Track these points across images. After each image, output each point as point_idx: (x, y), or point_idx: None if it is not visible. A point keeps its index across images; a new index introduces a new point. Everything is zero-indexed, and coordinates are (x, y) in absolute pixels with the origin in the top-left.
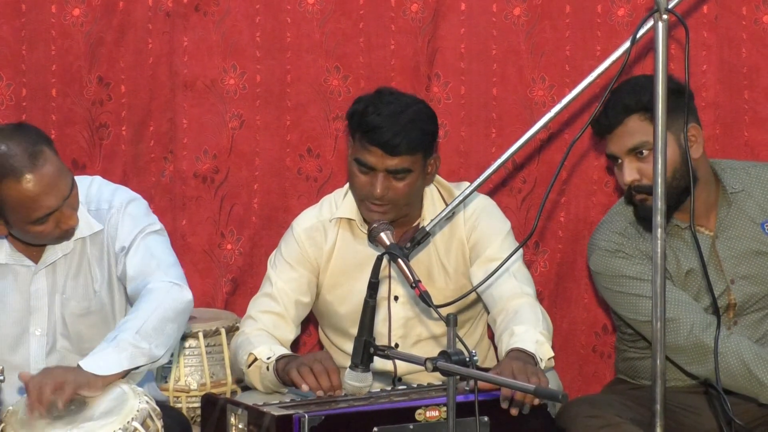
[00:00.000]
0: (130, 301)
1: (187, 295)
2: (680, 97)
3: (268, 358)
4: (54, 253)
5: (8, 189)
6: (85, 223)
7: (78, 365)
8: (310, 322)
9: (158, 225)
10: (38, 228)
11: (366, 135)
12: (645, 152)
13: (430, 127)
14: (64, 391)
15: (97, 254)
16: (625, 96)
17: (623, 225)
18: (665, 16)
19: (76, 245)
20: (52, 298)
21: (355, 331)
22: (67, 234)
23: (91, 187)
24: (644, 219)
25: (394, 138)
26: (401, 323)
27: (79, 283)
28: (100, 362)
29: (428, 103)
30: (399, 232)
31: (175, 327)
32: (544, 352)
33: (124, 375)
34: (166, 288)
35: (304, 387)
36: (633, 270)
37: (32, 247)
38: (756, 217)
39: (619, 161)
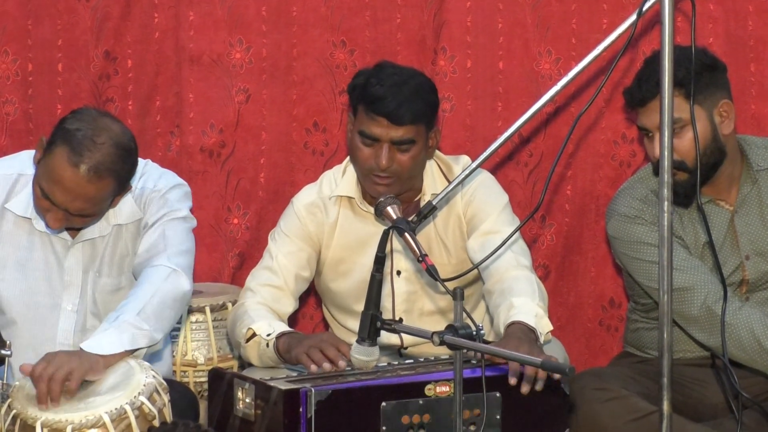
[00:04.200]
0: (134, 275)
1: (185, 284)
2: (714, 72)
3: (268, 335)
4: (91, 231)
5: (57, 154)
6: (129, 211)
7: (80, 347)
8: (317, 297)
9: (185, 212)
10: (42, 202)
11: (370, 106)
12: (677, 128)
13: (432, 99)
14: (72, 381)
15: (132, 236)
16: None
17: (644, 192)
18: None
19: (113, 229)
20: (86, 275)
21: (358, 308)
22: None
23: (144, 168)
24: (676, 194)
25: (399, 108)
26: (404, 297)
27: (114, 262)
28: (102, 342)
29: (434, 77)
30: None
31: (173, 314)
32: (543, 325)
33: (126, 356)
34: (164, 273)
35: (313, 368)
36: (651, 237)
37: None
38: None
39: (650, 135)
